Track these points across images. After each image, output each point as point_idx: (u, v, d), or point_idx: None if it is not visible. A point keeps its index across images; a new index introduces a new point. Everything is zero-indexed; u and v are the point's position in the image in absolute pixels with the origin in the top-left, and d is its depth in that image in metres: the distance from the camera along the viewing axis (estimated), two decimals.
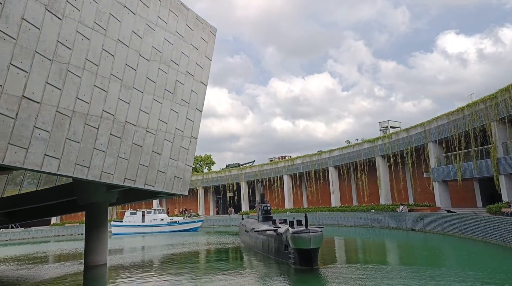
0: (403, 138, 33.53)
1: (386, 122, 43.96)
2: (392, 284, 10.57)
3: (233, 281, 12.07)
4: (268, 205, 23.29)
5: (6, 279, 15.21)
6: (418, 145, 31.98)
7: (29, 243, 38.29)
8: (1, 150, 9.11)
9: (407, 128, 33.85)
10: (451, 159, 28.29)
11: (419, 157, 32.57)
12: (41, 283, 13.91)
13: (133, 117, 13.67)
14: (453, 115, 27.65)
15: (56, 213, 29.55)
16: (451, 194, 29.92)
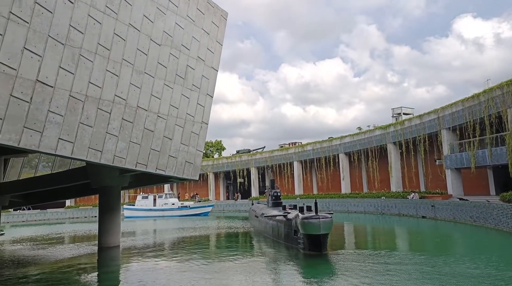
0: (416, 125, 33.07)
1: (399, 109, 43.34)
2: (403, 270, 10.62)
3: (243, 265, 12.29)
4: (278, 190, 23.39)
5: (23, 258, 15.76)
6: (431, 132, 31.53)
7: (45, 224, 39.44)
8: (17, 133, 9.31)
9: (420, 115, 33.34)
10: (465, 146, 27.86)
11: (432, 144, 32.16)
12: (57, 262, 14.39)
13: (144, 102, 13.77)
14: (468, 102, 27.09)
15: (70, 195, 30.27)
16: (463, 181, 29.59)
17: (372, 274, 10.05)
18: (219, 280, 10.06)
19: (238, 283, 9.34)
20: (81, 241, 21.86)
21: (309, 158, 47.79)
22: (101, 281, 11.68)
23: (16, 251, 18.55)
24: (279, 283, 9.53)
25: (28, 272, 12.68)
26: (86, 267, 13.71)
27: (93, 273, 12.83)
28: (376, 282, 9.13)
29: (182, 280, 10.32)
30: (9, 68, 9.08)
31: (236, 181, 57.77)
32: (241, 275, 10.49)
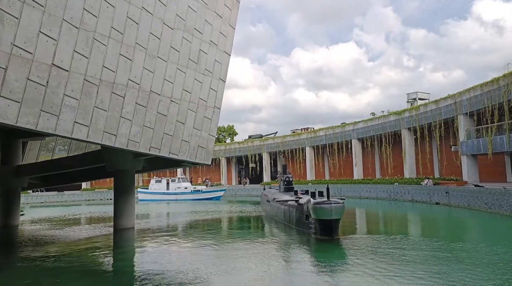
0: (432, 111, 32.44)
1: (414, 94, 42.50)
2: (418, 255, 10.62)
3: (255, 249, 12.46)
4: (290, 176, 23.43)
5: (42, 238, 16.33)
6: (447, 118, 30.92)
7: (62, 206, 40.61)
8: (34, 117, 9.51)
9: (436, 100, 32.66)
10: (482, 132, 27.26)
11: (448, 130, 31.57)
12: (74, 242, 14.86)
13: (157, 87, 13.83)
14: (487, 86, 26.36)
15: (86, 178, 30.98)
16: (479, 168, 29.10)
17: (385, 258, 10.08)
18: (231, 263, 10.25)
19: (250, 267, 9.50)
20: (97, 222, 22.47)
21: (321, 143, 47.55)
22: (117, 260, 12.04)
23: (36, 231, 19.22)
24: (290, 268, 9.66)
25: (47, 251, 13.15)
26: (103, 247, 14.14)
27: (109, 253, 13.23)
28: (389, 267, 9.17)
29: (195, 263, 10.56)
30: (26, 52, 9.21)
31: (248, 166, 58.07)
32: (253, 259, 10.66)
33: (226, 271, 9.14)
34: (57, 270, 10.34)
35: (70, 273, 9.97)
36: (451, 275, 8.38)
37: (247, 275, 8.59)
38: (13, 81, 9.00)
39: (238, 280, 8.22)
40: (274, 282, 8.09)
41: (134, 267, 11.00)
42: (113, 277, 9.82)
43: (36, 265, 11.11)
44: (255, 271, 8.98)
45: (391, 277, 8.22)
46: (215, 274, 8.88)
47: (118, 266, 11.31)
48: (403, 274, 8.45)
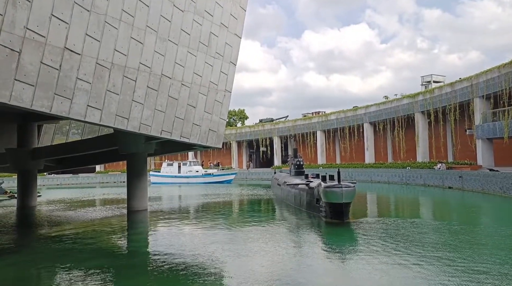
0: (447, 94, 31.76)
1: (429, 77, 41.55)
2: (429, 239, 10.62)
3: (266, 231, 12.62)
4: (301, 159, 23.41)
5: (59, 218, 16.83)
6: (462, 101, 30.26)
7: (77, 188, 41.62)
8: (48, 100, 9.66)
9: (451, 83, 31.92)
10: (499, 115, 26.64)
11: (463, 113, 30.94)
12: (89, 223, 15.28)
13: (168, 70, 13.84)
14: (505, 68, 25.59)
15: (100, 161, 31.58)
16: (495, 152, 28.57)
17: (396, 242, 10.11)
18: (244, 246, 10.40)
19: (262, 250, 9.64)
20: (111, 204, 23.01)
21: (332, 127, 47.21)
22: (132, 241, 12.36)
23: (52, 212, 19.80)
24: (301, 251, 9.77)
25: (63, 231, 13.57)
26: (117, 228, 14.51)
27: (123, 234, 13.58)
28: (401, 251, 9.21)
29: (208, 245, 10.77)
30: (39, 35, 9.28)
31: (259, 149, 58.20)
32: (264, 242, 10.80)
33: (240, 254, 9.29)
34: (74, 250, 10.69)
35: (86, 252, 10.29)
36: (461, 260, 8.38)
37: (260, 257, 8.73)
38: (27, 65, 9.12)
39: (252, 263, 8.36)
40: (286, 265, 8.21)
41: (148, 248, 11.29)
42: (128, 258, 10.09)
43: (53, 245, 11.49)
44: (267, 253, 9.12)
45: (403, 261, 8.26)
46: (229, 257, 9.04)
47: (132, 246, 11.62)
48: (416, 258, 8.47)
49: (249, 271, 7.76)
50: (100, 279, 7.73)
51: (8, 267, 9.14)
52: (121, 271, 8.38)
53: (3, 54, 8.68)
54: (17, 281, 8.06)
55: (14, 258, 9.98)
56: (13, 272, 8.72)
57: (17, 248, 11.49)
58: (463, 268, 7.68)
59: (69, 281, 7.66)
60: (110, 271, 8.34)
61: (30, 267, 9.01)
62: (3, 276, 8.42)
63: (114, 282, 7.68)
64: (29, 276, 8.42)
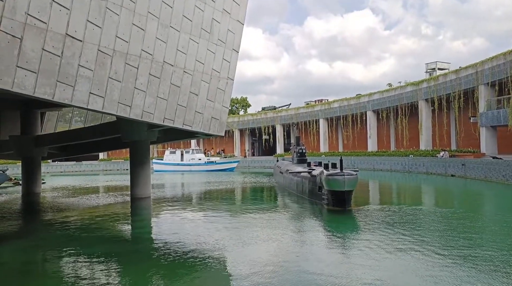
0: (451, 81, 31.48)
1: (434, 64, 41.14)
2: (432, 225, 10.69)
3: (268, 219, 12.72)
4: (304, 147, 23.44)
5: (63, 205, 17.02)
6: (467, 88, 30.01)
7: (81, 175, 41.97)
8: (51, 87, 9.66)
9: (456, 70, 31.61)
10: (503, 102, 26.44)
11: (467, 100, 30.72)
12: (94, 210, 15.45)
13: (170, 58, 13.75)
14: (511, 55, 25.28)
15: (103, 148, 31.72)
16: (499, 140, 28.47)
17: (398, 229, 10.18)
18: (245, 233, 10.51)
19: (265, 237, 9.73)
20: (114, 191, 23.21)
21: (335, 115, 47.07)
22: (135, 228, 12.52)
23: (57, 198, 20.02)
24: (303, 238, 9.86)
25: (68, 218, 13.74)
26: (121, 215, 14.68)
27: (127, 220, 13.75)
28: (403, 237, 9.28)
29: (211, 232, 10.90)
30: (40, 21, 9.23)
31: (261, 137, 58.20)
32: (267, 229, 10.90)
33: (243, 241, 9.35)
34: (78, 236, 10.85)
35: (90, 239, 10.44)
36: (465, 246, 8.44)
37: (263, 244, 8.82)
38: (29, 52, 9.09)
39: (255, 250, 8.44)
40: (289, 252, 8.28)
41: (152, 235, 11.44)
42: (132, 244, 10.24)
43: (58, 231, 11.66)
44: (270, 241, 9.20)
45: (405, 247, 8.33)
46: (232, 244, 9.11)
47: (136, 233, 11.78)
48: (418, 244, 8.54)
49: (252, 258, 7.86)
50: (105, 264, 7.87)
51: (15, 251, 9.30)
52: (125, 257, 8.51)
53: (4, 41, 8.65)
54: (24, 265, 8.22)
55: (21, 243, 10.15)
56: (21, 256, 8.89)
57: (24, 233, 11.67)
58: (466, 254, 7.75)
59: (74, 265, 7.80)
60: (114, 257, 8.47)
61: (37, 252, 9.18)
62: (11, 260, 8.59)
63: (119, 267, 7.82)
64: (36, 261, 8.58)
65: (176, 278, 6.91)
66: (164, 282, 6.85)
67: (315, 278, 6.51)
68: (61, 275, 7.33)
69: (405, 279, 6.49)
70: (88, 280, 6.76)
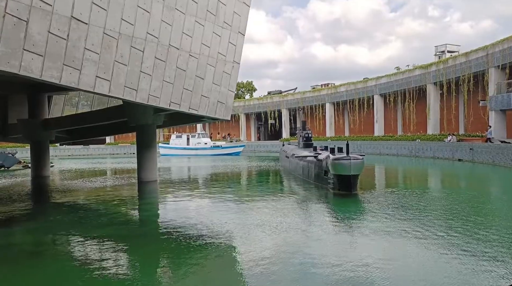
0: (461, 64, 30.92)
1: (443, 46, 40.35)
2: (438, 209, 10.71)
3: (275, 202, 12.80)
4: (309, 132, 23.40)
5: (71, 187, 17.29)
6: (477, 71, 29.48)
7: (88, 158, 42.45)
8: (57, 71, 9.66)
9: (466, 53, 30.99)
10: None
11: (477, 84, 30.24)
12: (101, 192, 15.69)
13: (176, 41, 13.63)
14: None
15: (109, 132, 31.85)
16: (508, 124, 28.13)
17: (403, 212, 10.22)
18: (251, 217, 10.59)
19: (268, 220, 9.79)
20: (122, 174, 23.48)
21: (342, 99, 46.71)
22: (142, 211, 12.70)
23: (65, 181, 20.33)
24: (309, 221, 9.92)
25: (77, 201, 13.99)
26: (128, 198, 14.89)
27: (134, 203, 13.95)
28: (409, 221, 9.32)
29: (217, 216, 11.02)
30: (45, 3, 9.16)
31: (267, 122, 58.08)
32: (271, 212, 10.98)
33: (250, 225, 9.40)
34: (87, 217, 11.05)
35: (98, 220, 10.64)
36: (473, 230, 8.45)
37: (268, 228, 8.88)
38: (35, 34, 9.07)
39: (260, 234, 8.48)
40: (295, 236, 8.32)
41: (159, 218, 11.59)
42: (140, 227, 10.40)
43: (67, 213, 11.89)
44: (277, 224, 9.23)
45: (412, 231, 8.33)
46: (239, 227, 9.17)
47: (143, 216, 11.95)
48: (424, 228, 8.54)
49: (258, 242, 7.91)
50: (113, 246, 8.03)
51: (26, 233, 9.52)
52: (133, 239, 8.66)
53: (11, 23, 8.63)
54: (36, 245, 8.42)
55: (32, 224, 10.37)
56: (32, 237, 9.11)
57: (34, 215, 11.92)
58: (475, 238, 7.74)
59: (84, 247, 7.98)
60: (122, 239, 8.63)
61: (47, 234, 9.38)
62: (22, 242, 8.80)
63: (127, 249, 7.98)
64: (47, 242, 8.78)
65: (183, 261, 7.04)
66: (170, 265, 6.99)
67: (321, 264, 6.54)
68: (71, 257, 7.50)
69: (414, 266, 6.39)
70: (97, 262, 6.91)
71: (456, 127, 34.28)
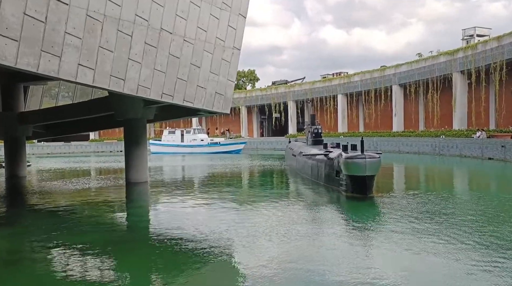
0: (492, 49, 30.75)
1: (472, 30, 40.16)
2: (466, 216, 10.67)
3: (280, 207, 12.78)
4: (319, 127, 23.45)
5: (51, 190, 17.35)
6: (510, 58, 29.33)
7: (70, 157, 42.66)
8: (35, 57, 9.67)
9: (498, 36, 30.83)
10: None
11: (510, 72, 30.09)
12: (85, 195, 15.73)
13: (168, 24, 13.61)
14: None
15: (94, 128, 31.98)
16: None
17: (426, 220, 10.16)
18: (253, 224, 10.51)
19: (274, 228, 9.73)
20: (108, 175, 23.55)
21: (356, 90, 46.62)
22: (131, 215, 12.72)
23: (44, 182, 20.41)
24: (319, 230, 9.82)
25: (57, 204, 14.03)
26: (115, 201, 14.95)
27: (122, 207, 14.01)
28: (432, 229, 9.28)
29: (213, 222, 11.02)
30: None
31: (271, 116, 58.09)
32: (275, 218, 10.95)
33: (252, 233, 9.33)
34: (69, 223, 11.08)
35: (82, 226, 10.67)
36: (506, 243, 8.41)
37: (273, 237, 8.81)
38: (9, 16, 9.07)
39: (265, 243, 8.43)
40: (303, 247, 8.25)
41: (149, 223, 11.63)
42: (128, 233, 10.43)
43: (47, 218, 11.92)
44: (281, 233, 9.15)
45: (436, 243, 8.16)
46: (239, 236, 9.09)
47: (132, 221, 11.97)
48: (450, 239, 8.42)
49: (261, 252, 7.89)
50: (98, 254, 8.05)
51: (0, 239, 9.56)
52: (120, 246, 8.69)
53: None
54: (11, 253, 8.47)
55: (6, 230, 10.42)
56: (7, 244, 9.15)
57: (8, 220, 11.98)
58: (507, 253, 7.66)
59: (65, 254, 8.00)
60: (108, 246, 8.66)
61: (23, 240, 9.42)
62: None
63: (113, 257, 8.00)
64: (23, 249, 8.82)
65: (176, 270, 7.05)
66: (162, 277, 6.98)
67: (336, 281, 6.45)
68: (50, 265, 7.53)
69: (442, 281, 6.26)
70: (80, 271, 6.93)
71: (486, 122, 34.12)
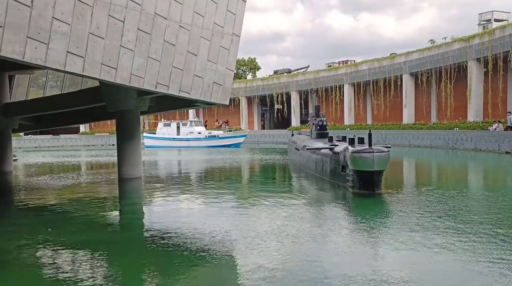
0: (510, 35, 30.59)
1: (489, 14, 39.99)
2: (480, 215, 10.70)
3: (282, 204, 12.79)
4: (324, 119, 23.45)
5: (39, 186, 17.42)
6: None
7: (59, 151, 42.75)
8: (20, 45, 9.67)
9: None
10: None
11: None
12: (76, 191, 15.79)
13: (163, 9, 13.57)
14: None
15: (84, 120, 32.00)
16: None
17: (438, 218, 10.18)
18: (251, 222, 10.58)
19: (276, 227, 9.72)
20: (99, 170, 23.64)
21: (363, 80, 46.54)
22: (125, 213, 12.80)
23: (31, 178, 20.48)
24: (324, 228, 9.81)
25: (46, 201, 14.10)
26: (108, 198, 15.02)
27: (115, 204, 14.08)
28: (446, 224, 9.30)
29: (211, 221, 11.07)
30: None
31: (273, 107, 58.07)
32: (279, 217, 10.92)
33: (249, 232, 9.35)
34: (59, 221, 11.14)
35: (73, 225, 10.72)
36: None
37: (275, 237, 8.82)
38: None
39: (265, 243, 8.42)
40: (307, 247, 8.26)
41: (143, 221, 11.70)
42: (121, 231, 10.49)
43: (35, 216, 11.98)
44: (284, 232, 9.16)
45: (448, 243, 8.15)
46: (238, 236, 9.10)
47: (125, 219, 12.05)
48: (463, 238, 8.42)
49: (262, 254, 7.89)
50: (90, 254, 8.10)
51: None
52: (112, 246, 8.74)
53: None
54: None
55: None
56: None
57: None
58: None
59: (55, 254, 8.05)
60: (100, 246, 8.70)
61: (11, 240, 9.46)
62: None
63: (106, 258, 8.05)
64: (10, 249, 8.85)
65: (172, 271, 7.09)
66: (157, 280, 7.02)
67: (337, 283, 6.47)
68: (39, 266, 7.57)
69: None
70: (71, 273, 6.99)
71: (503, 114, 34.03)
